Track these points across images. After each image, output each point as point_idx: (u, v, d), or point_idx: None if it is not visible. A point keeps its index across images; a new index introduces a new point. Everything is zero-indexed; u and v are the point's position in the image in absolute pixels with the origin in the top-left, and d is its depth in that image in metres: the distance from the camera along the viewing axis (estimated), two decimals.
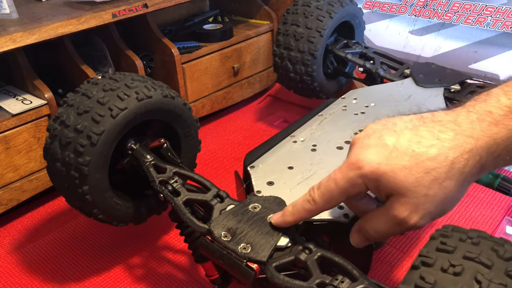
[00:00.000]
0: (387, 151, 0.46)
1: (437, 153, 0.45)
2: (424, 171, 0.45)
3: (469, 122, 0.45)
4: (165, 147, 0.81)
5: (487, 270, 0.40)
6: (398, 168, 0.45)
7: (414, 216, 0.47)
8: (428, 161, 0.45)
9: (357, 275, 0.50)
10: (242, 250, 0.56)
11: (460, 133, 0.45)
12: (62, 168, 0.73)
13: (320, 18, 1.12)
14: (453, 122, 0.46)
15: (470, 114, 0.45)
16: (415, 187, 0.45)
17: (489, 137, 0.44)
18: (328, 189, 0.51)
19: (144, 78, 0.81)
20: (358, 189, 0.49)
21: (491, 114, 0.44)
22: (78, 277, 0.87)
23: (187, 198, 0.69)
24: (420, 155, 0.45)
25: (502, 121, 0.44)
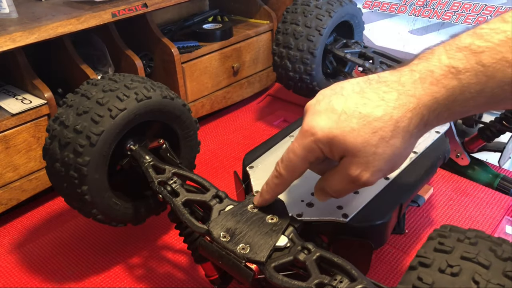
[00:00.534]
0: (336, 115, 0.49)
1: (382, 113, 0.47)
2: (371, 131, 0.47)
3: (412, 82, 0.47)
4: (164, 147, 0.81)
5: (485, 270, 0.40)
6: (347, 130, 0.48)
7: (365, 173, 0.49)
8: (375, 121, 0.47)
9: (356, 275, 0.50)
10: (241, 250, 0.56)
11: (404, 93, 0.47)
12: (61, 168, 0.73)
13: (320, 17, 1.12)
14: (397, 82, 0.48)
15: (413, 73, 0.47)
16: (364, 147, 0.48)
17: (430, 96, 0.46)
18: (289, 159, 0.54)
19: (144, 79, 0.81)
20: (315, 154, 0.52)
21: (432, 73, 0.46)
22: (78, 277, 0.87)
23: (186, 198, 0.69)
24: (366, 116, 0.48)
25: (441, 80, 0.45)
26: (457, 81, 0.45)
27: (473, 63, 0.44)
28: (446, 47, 0.46)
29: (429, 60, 0.47)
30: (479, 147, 1.06)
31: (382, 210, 0.63)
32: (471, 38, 0.45)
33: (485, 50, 0.43)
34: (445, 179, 1.07)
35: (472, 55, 0.44)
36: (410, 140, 0.49)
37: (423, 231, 0.92)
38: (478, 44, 0.44)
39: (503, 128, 1.00)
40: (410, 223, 0.94)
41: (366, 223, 0.62)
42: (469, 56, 0.44)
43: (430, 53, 0.48)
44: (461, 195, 1.02)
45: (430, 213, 0.97)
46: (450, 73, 0.45)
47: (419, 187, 0.72)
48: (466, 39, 0.45)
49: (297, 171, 0.55)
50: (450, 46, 0.46)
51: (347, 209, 0.62)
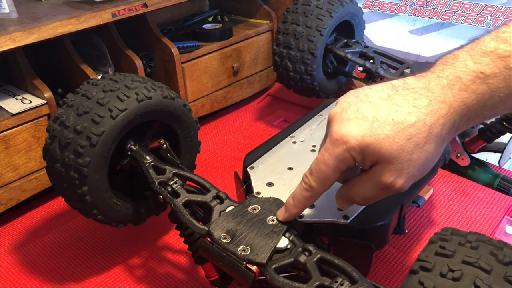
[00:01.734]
0: (368, 122, 0.48)
1: (416, 119, 0.47)
2: (406, 138, 0.47)
3: (440, 88, 0.47)
4: (165, 148, 0.81)
5: (486, 275, 0.40)
6: (382, 137, 0.47)
7: (399, 180, 0.49)
8: (409, 128, 0.47)
9: (356, 277, 0.50)
10: (242, 252, 0.56)
11: (434, 99, 0.47)
12: (62, 169, 0.73)
13: (320, 17, 1.12)
14: (425, 89, 0.48)
15: (440, 79, 0.47)
16: (399, 154, 0.47)
17: (460, 101, 0.46)
18: (321, 171, 0.52)
19: (144, 79, 0.81)
20: (347, 163, 0.51)
21: (460, 79, 0.46)
22: (78, 277, 0.87)
23: (186, 199, 0.68)
24: (400, 123, 0.47)
25: (470, 86, 0.45)
26: (486, 86, 0.45)
27: (501, 68, 0.44)
28: (470, 52, 0.46)
29: (455, 66, 0.47)
30: (479, 147, 1.06)
31: (383, 212, 0.63)
32: (496, 42, 0.45)
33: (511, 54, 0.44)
34: (445, 179, 1.07)
35: (499, 60, 0.44)
36: (442, 146, 0.49)
37: (423, 231, 0.92)
38: (504, 48, 0.44)
39: (504, 129, 1.00)
40: (410, 223, 0.95)
41: (367, 224, 0.62)
42: (496, 61, 0.44)
43: (453, 58, 0.48)
44: (461, 195, 1.02)
45: (430, 213, 0.97)
46: (478, 78, 0.45)
47: (419, 188, 0.72)
48: (490, 43, 0.45)
49: (329, 182, 0.53)
50: (474, 51, 0.46)
51: (348, 211, 0.62)
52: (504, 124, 0.99)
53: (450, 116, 0.47)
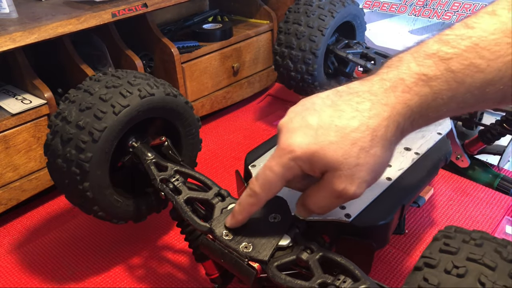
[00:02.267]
0: (313, 130, 0.48)
1: (358, 124, 0.47)
2: (351, 143, 0.47)
3: (383, 91, 0.47)
4: (166, 145, 0.81)
5: (491, 272, 0.40)
6: (326, 144, 0.47)
7: (351, 186, 0.48)
8: (352, 132, 0.47)
9: (359, 275, 0.49)
10: (244, 249, 0.56)
11: (377, 102, 0.47)
12: (63, 165, 0.72)
13: (322, 17, 1.12)
14: (368, 92, 0.48)
15: (384, 82, 0.47)
16: (345, 159, 0.47)
17: (403, 103, 0.46)
18: (266, 178, 0.52)
19: (147, 76, 0.81)
20: (293, 171, 0.51)
21: (403, 81, 0.46)
22: (78, 277, 0.87)
23: (188, 196, 0.68)
24: (343, 128, 0.47)
25: (413, 88, 0.45)
26: (429, 88, 0.45)
27: (443, 70, 0.44)
28: (414, 54, 0.46)
29: (398, 68, 0.47)
30: (479, 149, 1.06)
31: (385, 211, 0.63)
32: (438, 44, 0.45)
33: (453, 56, 0.44)
34: (445, 179, 1.07)
35: (441, 62, 0.44)
36: (389, 148, 0.49)
37: (423, 231, 0.92)
38: (446, 50, 0.44)
39: (504, 131, 1.00)
40: (410, 223, 0.94)
41: (368, 223, 0.62)
42: (438, 63, 0.44)
43: (398, 60, 0.48)
44: (461, 195, 1.02)
45: (430, 213, 0.97)
46: (421, 80, 0.45)
47: (421, 188, 0.72)
48: (433, 45, 0.45)
49: (273, 189, 0.53)
50: (418, 53, 0.46)
51: (350, 209, 0.62)
52: (504, 126, 0.99)
53: (393, 118, 0.46)
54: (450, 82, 0.44)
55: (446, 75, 0.44)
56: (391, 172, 0.70)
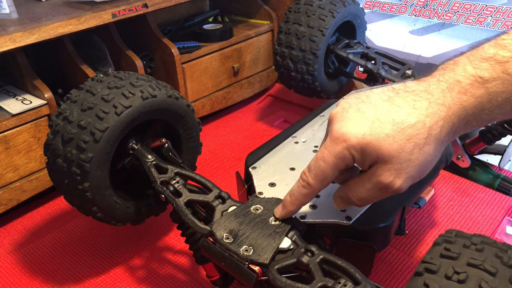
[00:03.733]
0: (369, 121, 0.49)
1: (416, 120, 0.48)
2: (406, 138, 0.47)
3: (440, 91, 0.48)
4: (166, 147, 0.81)
5: (492, 277, 0.40)
6: (382, 136, 0.48)
7: (398, 180, 0.49)
8: (409, 128, 0.47)
9: (359, 278, 0.49)
10: (244, 252, 0.56)
11: (434, 102, 0.48)
12: (63, 164, 0.72)
13: (322, 17, 1.12)
14: (425, 92, 0.49)
15: (440, 83, 0.48)
16: (399, 153, 0.48)
17: (459, 104, 0.47)
18: (320, 168, 0.53)
19: (149, 78, 0.81)
20: (346, 161, 0.51)
21: (460, 83, 0.47)
22: (78, 278, 0.87)
23: (188, 199, 0.68)
24: (400, 123, 0.48)
25: (469, 89, 0.46)
26: (484, 89, 0.46)
27: (499, 72, 0.45)
28: (469, 57, 0.48)
29: (454, 71, 0.48)
30: (480, 149, 1.06)
31: (385, 213, 0.63)
32: (495, 48, 0.46)
33: (510, 60, 0.45)
34: (445, 180, 1.07)
35: (497, 65, 0.45)
36: (440, 148, 0.49)
37: (424, 232, 0.92)
38: (503, 54, 0.45)
39: (504, 131, 1.00)
40: (411, 223, 0.94)
41: (369, 226, 0.61)
42: (494, 66, 0.45)
43: (453, 64, 0.49)
44: (461, 196, 1.02)
45: (431, 213, 0.97)
46: (477, 82, 0.46)
47: (421, 190, 0.72)
48: (490, 49, 0.46)
49: (327, 180, 0.53)
50: (474, 57, 0.47)
51: (350, 212, 0.62)
52: (505, 126, 0.99)
53: (449, 118, 0.47)
54: (506, 85, 0.45)
55: (502, 77, 0.45)
56: None
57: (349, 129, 0.49)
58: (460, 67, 0.48)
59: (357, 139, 0.49)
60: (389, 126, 0.48)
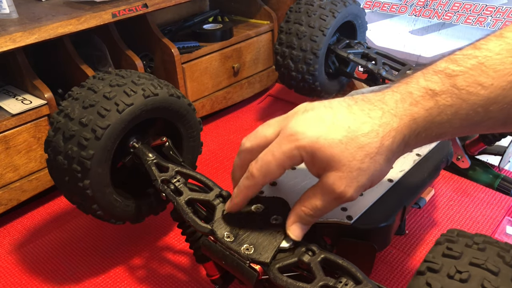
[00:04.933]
0: (325, 125, 0.49)
1: (369, 129, 0.48)
2: (358, 146, 0.48)
3: (393, 102, 0.48)
4: (167, 145, 0.81)
5: (494, 277, 0.40)
6: (335, 142, 0.48)
7: (349, 189, 0.49)
8: (362, 136, 0.48)
9: (361, 278, 0.49)
10: (245, 251, 0.56)
11: (387, 112, 0.48)
12: (64, 161, 0.72)
13: (323, 17, 1.12)
14: (380, 101, 0.49)
15: (395, 94, 0.49)
16: (349, 161, 0.48)
17: (410, 116, 0.47)
18: (265, 161, 0.52)
19: (151, 76, 0.81)
20: (294, 161, 0.51)
21: (412, 94, 0.48)
22: (78, 278, 0.87)
23: (189, 197, 0.68)
24: (354, 131, 0.48)
25: (420, 101, 0.47)
26: (434, 102, 0.46)
27: (448, 86, 0.46)
28: (424, 71, 0.49)
29: (408, 83, 0.49)
30: (480, 150, 1.06)
31: (386, 213, 0.63)
32: (446, 63, 0.47)
33: (459, 74, 0.45)
34: (445, 180, 1.07)
35: (446, 78, 0.46)
36: (391, 159, 0.50)
37: (424, 232, 0.92)
38: (453, 68, 0.46)
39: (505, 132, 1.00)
40: (411, 223, 0.94)
41: (370, 225, 0.61)
42: (444, 79, 0.46)
43: (409, 77, 0.50)
44: (461, 196, 1.02)
45: (431, 213, 0.97)
46: (427, 95, 0.47)
47: (422, 189, 0.72)
48: (442, 63, 0.47)
49: (270, 175, 0.53)
50: (427, 71, 0.48)
51: (352, 211, 0.62)
52: None
53: (400, 129, 0.48)
54: (454, 98, 0.45)
55: (451, 91, 0.46)
56: (393, 173, 0.70)
57: (304, 130, 0.49)
58: (414, 80, 0.48)
59: (310, 141, 0.49)
60: (344, 132, 0.48)
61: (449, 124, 0.47)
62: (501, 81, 0.44)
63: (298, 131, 0.50)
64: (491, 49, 0.45)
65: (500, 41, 0.45)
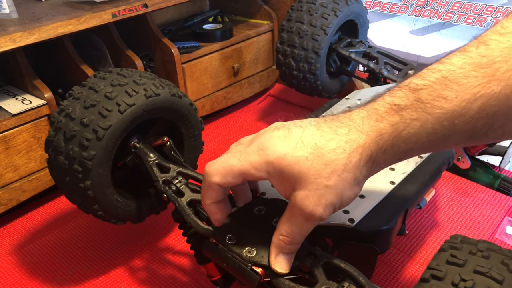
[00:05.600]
0: (293, 142, 0.49)
1: (335, 146, 0.48)
2: (324, 163, 0.47)
3: (360, 118, 0.48)
4: (168, 145, 0.80)
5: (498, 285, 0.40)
6: (302, 159, 0.48)
7: (318, 208, 0.48)
8: (328, 153, 0.47)
9: (363, 282, 0.49)
10: (247, 253, 0.56)
11: (354, 128, 0.48)
12: (65, 162, 0.72)
13: (325, 16, 1.11)
14: (347, 118, 0.49)
15: (361, 111, 0.49)
16: (316, 179, 0.47)
17: (376, 132, 0.47)
18: (229, 163, 0.53)
19: (152, 76, 0.81)
20: (257, 174, 0.51)
21: (377, 111, 0.48)
22: (78, 278, 0.87)
23: (191, 198, 0.68)
24: (321, 148, 0.48)
25: (386, 117, 0.47)
26: (400, 117, 0.46)
27: (412, 100, 0.46)
28: (390, 88, 0.49)
29: (375, 101, 0.49)
30: (480, 150, 1.06)
31: (388, 216, 0.63)
32: (411, 78, 0.47)
33: (423, 87, 0.46)
34: (445, 180, 1.07)
35: (410, 92, 0.46)
36: (360, 177, 0.49)
37: (424, 232, 0.92)
38: (416, 82, 0.46)
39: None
40: (411, 224, 0.95)
41: (372, 228, 0.61)
42: (408, 94, 0.46)
43: (376, 96, 0.50)
44: (461, 196, 1.02)
45: (431, 213, 0.97)
46: (392, 110, 0.47)
47: (424, 192, 0.72)
48: (407, 80, 0.48)
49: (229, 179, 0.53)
50: (393, 87, 0.49)
51: (354, 214, 0.62)
52: None
53: (367, 146, 0.47)
54: (419, 112, 0.46)
55: (415, 105, 0.46)
56: (395, 176, 0.70)
57: (273, 146, 0.49)
58: (380, 97, 0.49)
59: (277, 157, 0.49)
60: (310, 149, 0.48)
61: (415, 139, 0.47)
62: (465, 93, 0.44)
63: (267, 146, 0.50)
64: (454, 63, 0.45)
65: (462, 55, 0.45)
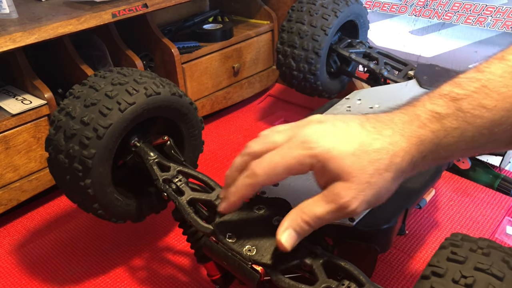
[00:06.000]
0: (339, 137, 0.49)
1: (380, 146, 0.48)
2: (369, 160, 0.48)
3: (402, 123, 0.49)
4: (169, 144, 0.81)
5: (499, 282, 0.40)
6: (348, 154, 0.48)
7: (354, 201, 0.48)
8: (373, 152, 0.48)
9: (363, 280, 0.49)
10: (247, 252, 0.55)
11: (397, 131, 0.49)
12: (65, 160, 0.72)
13: (325, 17, 1.11)
14: (390, 121, 0.50)
15: (403, 116, 0.50)
16: (360, 174, 0.48)
17: (417, 137, 0.48)
18: (273, 162, 0.51)
19: (152, 75, 0.81)
20: (302, 168, 0.50)
21: (419, 117, 0.49)
22: (78, 278, 0.87)
23: (191, 197, 0.68)
24: (367, 146, 0.48)
25: (427, 124, 0.48)
26: (441, 125, 0.47)
27: (453, 109, 0.47)
28: (429, 95, 0.50)
29: (415, 106, 0.50)
30: None
31: (388, 215, 0.63)
32: (450, 86, 0.48)
33: (463, 97, 0.47)
34: (446, 180, 1.07)
35: (451, 102, 0.47)
36: (399, 178, 0.50)
37: (424, 232, 0.92)
38: (457, 91, 0.47)
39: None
40: (411, 223, 0.95)
41: (372, 227, 0.61)
42: (449, 103, 0.47)
43: (416, 100, 0.51)
44: (461, 196, 1.02)
45: (431, 213, 0.97)
46: (434, 118, 0.48)
47: (424, 191, 0.72)
48: (446, 87, 0.49)
49: (273, 177, 0.51)
50: (433, 94, 0.49)
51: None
52: None
53: (409, 150, 0.48)
54: (460, 121, 0.47)
55: (456, 114, 0.47)
56: None
57: (319, 139, 0.49)
58: (420, 103, 0.50)
59: (323, 150, 0.49)
60: (356, 146, 0.48)
61: (455, 147, 0.48)
62: (505, 102, 0.45)
63: (312, 139, 0.50)
64: (493, 72, 0.46)
65: (502, 63, 0.46)
